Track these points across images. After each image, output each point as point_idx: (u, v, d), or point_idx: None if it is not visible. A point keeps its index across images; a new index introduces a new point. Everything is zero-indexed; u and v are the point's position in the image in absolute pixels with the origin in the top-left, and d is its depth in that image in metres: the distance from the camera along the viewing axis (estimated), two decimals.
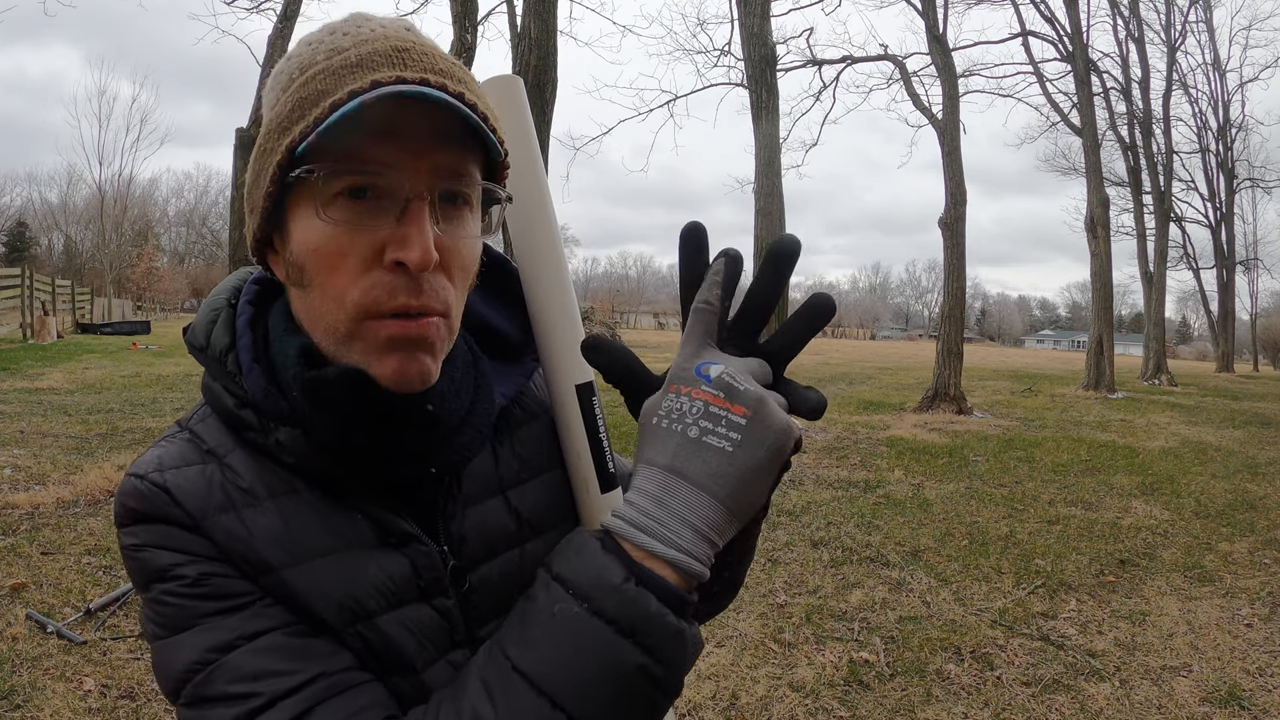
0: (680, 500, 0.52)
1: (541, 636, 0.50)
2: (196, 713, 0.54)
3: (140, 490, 0.58)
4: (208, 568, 0.56)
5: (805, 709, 2.75)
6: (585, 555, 0.51)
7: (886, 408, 11.64)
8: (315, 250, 0.56)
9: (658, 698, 0.51)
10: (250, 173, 0.59)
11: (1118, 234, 23.01)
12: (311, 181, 0.54)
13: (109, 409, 7.99)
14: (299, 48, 0.60)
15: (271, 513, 0.58)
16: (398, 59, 0.55)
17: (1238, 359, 32.10)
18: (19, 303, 17.33)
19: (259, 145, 0.58)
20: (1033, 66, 17.31)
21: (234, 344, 0.62)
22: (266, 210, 0.57)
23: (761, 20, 9.23)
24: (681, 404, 0.54)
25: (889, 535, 4.81)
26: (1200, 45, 26.89)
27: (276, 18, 8.51)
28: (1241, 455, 8.49)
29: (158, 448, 0.61)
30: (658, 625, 0.50)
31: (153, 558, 0.57)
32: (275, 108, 0.57)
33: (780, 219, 8.92)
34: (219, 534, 0.57)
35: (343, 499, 0.61)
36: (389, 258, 0.54)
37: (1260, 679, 3.09)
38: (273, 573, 0.57)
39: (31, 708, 2.47)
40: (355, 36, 0.57)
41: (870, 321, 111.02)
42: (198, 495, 0.58)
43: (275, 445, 0.59)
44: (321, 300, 0.57)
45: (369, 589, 0.59)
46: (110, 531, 4.05)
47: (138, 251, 49.49)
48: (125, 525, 0.59)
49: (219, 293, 0.66)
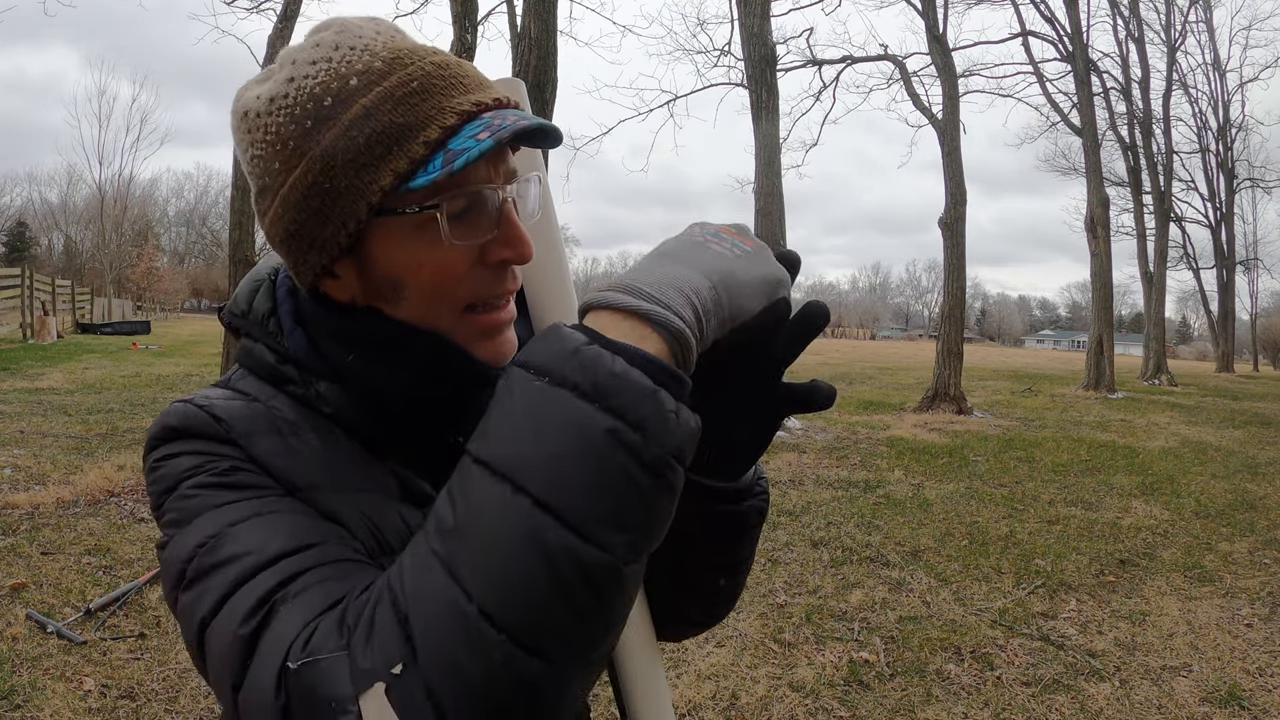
0: (665, 270, 0.50)
1: (499, 422, 0.45)
2: (197, 588, 0.50)
3: (183, 410, 0.58)
4: (240, 464, 0.56)
5: (805, 709, 2.75)
6: (548, 336, 0.47)
7: (886, 408, 11.64)
8: (420, 267, 0.58)
9: (637, 472, 0.43)
10: (300, 210, 0.56)
11: (1118, 234, 23.02)
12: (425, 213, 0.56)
13: (109, 409, 7.99)
14: (301, 69, 0.56)
15: (314, 443, 0.59)
16: (457, 82, 0.57)
17: (1238, 359, 32.09)
18: (19, 303, 17.32)
19: (313, 183, 0.55)
20: (1033, 66, 17.32)
21: (275, 309, 0.64)
22: (346, 247, 0.57)
23: (761, 20, 9.23)
24: (693, 230, 0.55)
25: (889, 535, 4.81)
26: (1200, 45, 26.88)
27: (276, 18, 8.51)
28: (1241, 455, 8.49)
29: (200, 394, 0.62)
30: (626, 384, 0.43)
31: (182, 460, 0.56)
32: (328, 140, 0.54)
33: (780, 219, 8.92)
34: (259, 450, 0.57)
35: (375, 449, 0.62)
36: (495, 258, 0.59)
37: (1260, 679, 3.09)
38: (313, 489, 0.57)
39: (31, 708, 2.47)
40: (374, 53, 0.57)
41: (870, 321, 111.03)
42: (243, 419, 0.58)
43: (315, 396, 0.61)
44: (418, 305, 0.59)
45: (392, 531, 0.60)
46: (110, 531, 4.05)
47: (138, 251, 49.49)
48: (159, 444, 0.58)
49: (261, 268, 0.68)
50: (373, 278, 0.59)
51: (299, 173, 0.56)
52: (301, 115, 0.55)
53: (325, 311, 0.61)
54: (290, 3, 8.51)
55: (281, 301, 0.64)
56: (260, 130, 0.57)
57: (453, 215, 0.56)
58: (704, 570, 0.68)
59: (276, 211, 0.58)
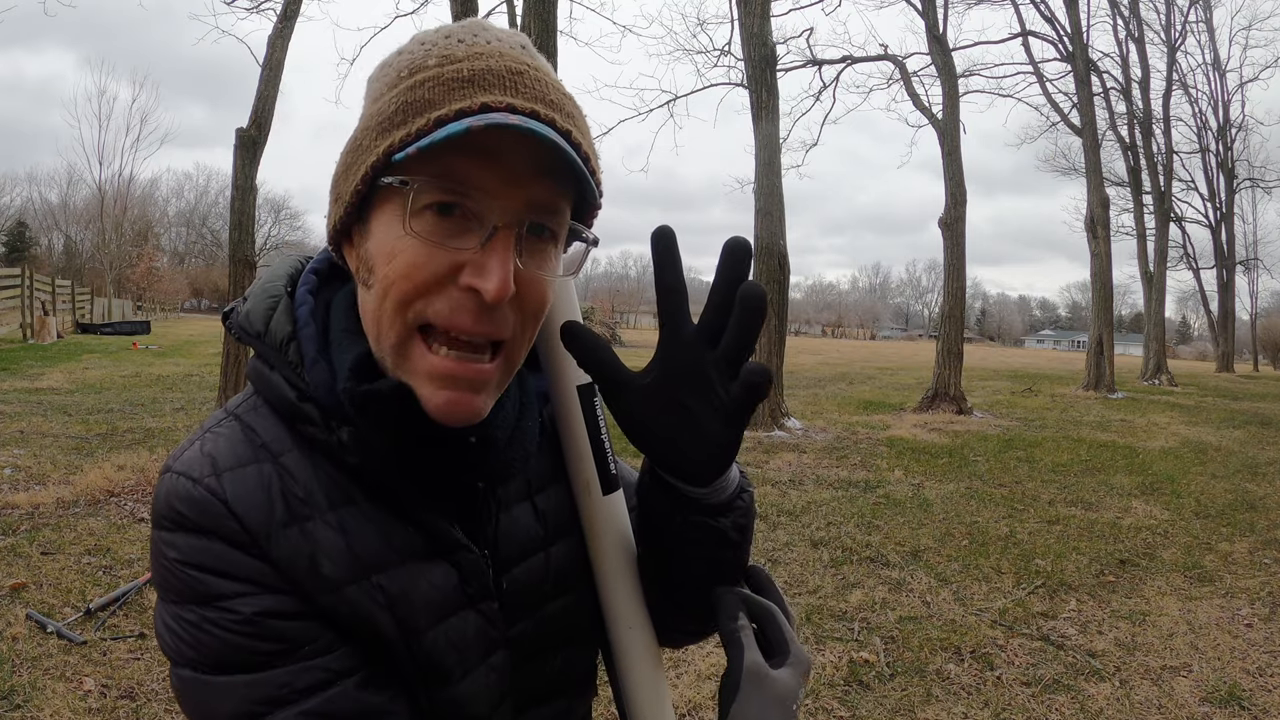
0: None
1: None
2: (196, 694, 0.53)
3: (193, 496, 0.54)
4: (265, 603, 0.53)
5: (805, 709, 2.75)
6: None
7: (886, 408, 11.64)
8: (390, 255, 0.54)
9: None
10: (341, 162, 0.59)
11: (1118, 234, 23.02)
12: (402, 190, 0.53)
13: (109, 409, 7.98)
14: (411, 45, 0.58)
15: (333, 526, 0.56)
16: (511, 82, 0.54)
17: (1238, 359, 32.10)
18: (19, 303, 17.32)
19: (355, 138, 0.57)
20: (1033, 66, 17.33)
21: (295, 334, 0.59)
22: (353, 206, 0.56)
23: (761, 20, 9.23)
24: None
25: (889, 535, 4.81)
26: (1200, 45, 26.85)
27: (276, 18, 8.52)
28: (1241, 455, 8.48)
29: (207, 439, 0.58)
30: None
31: (199, 580, 0.53)
32: (378, 103, 0.56)
33: (780, 219, 8.91)
34: (281, 551, 0.54)
35: (396, 507, 0.59)
36: (465, 281, 0.53)
37: (1260, 679, 3.09)
38: (335, 591, 0.55)
39: (31, 708, 2.47)
40: (471, 46, 0.56)
41: (870, 321, 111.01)
42: (258, 508, 0.54)
43: (338, 444, 0.57)
44: (382, 303, 0.55)
45: (420, 604, 0.59)
46: (110, 531, 4.05)
47: (138, 252, 49.50)
48: (169, 529, 0.54)
49: (275, 279, 0.64)
50: (363, 253, 0.57)
51: (357, 129, 0.58)
52: (388, 83, 0.57)
53: (340, 333, 0.60)
54: (290, 3, 8.52)
55: (303, 325, 0.59)
56: (368, 90, 0.60)
57: (425, 205, 0.53)
58: (693, 585, 0.66)
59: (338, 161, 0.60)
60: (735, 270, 0.55)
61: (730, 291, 0.55)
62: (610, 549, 0.69)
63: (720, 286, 0.55)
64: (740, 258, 0.55)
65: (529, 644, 0.67)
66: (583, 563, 0.71)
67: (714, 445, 0.58)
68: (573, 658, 0.71)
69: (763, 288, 0.54)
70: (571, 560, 0.70)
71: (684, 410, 0.57)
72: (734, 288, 0.55)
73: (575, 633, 0.71)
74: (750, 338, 0.55)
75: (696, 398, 0.56)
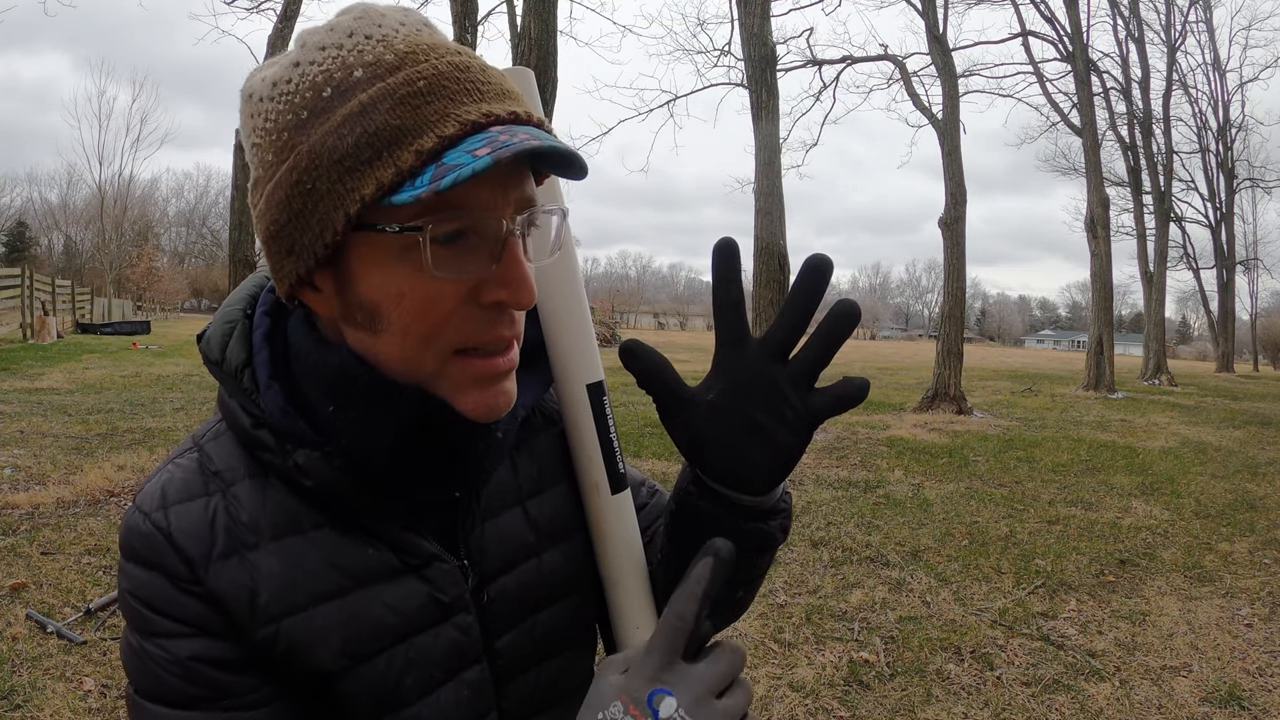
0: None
1: None
2: None
3: (141, 530, 0.55)
4: (197, 647, 0.54)
5: (805, 709, 2.75)
6: None
7: (886, 408, 11.64)
8: (399, 296, 0.51)
9: None
10: (275, 210, 0.51)
11: (1118, 234, 23.01)
12: (403, 235, 0.49)
13: (109, 409, 7.98)
14: (309, 54, 0.51)
15: (274, 555, 0.56)
16: (473, 87, 0.50)
17: (1238, 359, 32.08)
18: (19, 303, 17.31)
19: (297, 181, 0.49)
20: (1033, 66, 17.32)
21: (250, 359, 0.58)
22: (324, 258, 0.51)
23: (761, 20, 9.23)
24: None
25: (889, 535, 4.81)
26: (1200, 45, 26.85)
27: (276, 18, 8.52)
28: (1241, 455, 8.48)
29: (165, 473, 0.59)
30: None
31: (142, 615, 0.55)
32: (318, 136, 0.49)
33: (780, 219, 8.91)
34: (219, 581, 0.55)
35: (357, 528, 0.58)
36: (490, 298, 0.52)
37: (1260, 679, 3.09)
38: (273, 622, 0.55)
39: (31, 708, 2.47)
40: (389, 43, 0.50)
41: (870, 321, 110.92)
42: (198, 538, 0.55)
43: (294, 468, 0.56)
44: (403, 343, 0.52)
45: (370, 630, 0.58)
46: (110, 531, 4.05)
47: (138, 251, 49.52)
48: (125, 558, 0.57)
49: (233, 303, 0.62)
50: (350, 299, 0.52)
51: (286, 168, 0.50)
52: (300, 104, 0.50)
53: (309, 343, 0.56)
54: (290, 3, 8.52)
55: (258, 350, 0.58)
56: (260, 116, 0.52)
57: (440, 241, 0.49)
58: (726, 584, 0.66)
59: (261, 208, 0.53)
60: (817, 286, 0.54)
61: (809, 306, 0.55)
62: (620, 550, 0.68)
63: (798, 302, 0.55)
64: (821, 275, 0.54)
65: (520, 654, 0.66)
66: (581, 567, 0.69)
67: (781, 457, 0.57)
68: (570, 666, 0.70)
69: (858, 305, 0.54)
70: (568, 566, 0.69)
71: (754, 425, 0.56)
72: (813, 302, 0.55)
73: (571, 640, 0.70)
74: (833, 352, 0.55)
75: (767, 412, 0.56)
